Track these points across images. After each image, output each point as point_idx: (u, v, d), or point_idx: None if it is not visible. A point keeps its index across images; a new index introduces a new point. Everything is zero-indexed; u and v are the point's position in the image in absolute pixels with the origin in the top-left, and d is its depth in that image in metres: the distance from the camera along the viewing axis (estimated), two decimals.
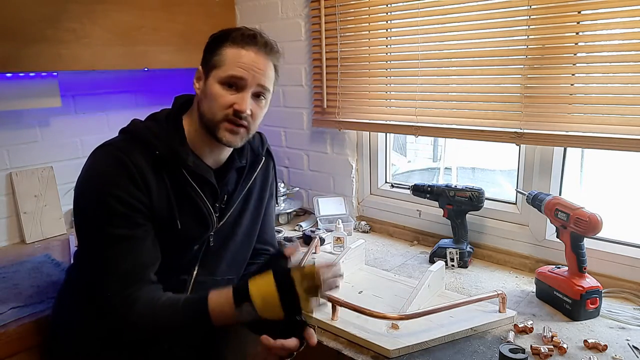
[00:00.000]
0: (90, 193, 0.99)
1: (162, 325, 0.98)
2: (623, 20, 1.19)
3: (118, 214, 0.97)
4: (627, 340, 1.11)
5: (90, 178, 1.01)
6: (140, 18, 1.72)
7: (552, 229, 1.38)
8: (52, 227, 1.82)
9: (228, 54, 1.02)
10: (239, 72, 1.01)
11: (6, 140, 1.73)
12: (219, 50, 1.03)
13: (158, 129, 1.05)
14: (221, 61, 1.02)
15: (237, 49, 1.02)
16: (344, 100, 1.81)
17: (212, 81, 1.03)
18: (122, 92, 2.02)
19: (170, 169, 1.03)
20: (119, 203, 0.96)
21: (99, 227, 0.98)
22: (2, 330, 1.17)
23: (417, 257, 1.63)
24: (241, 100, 1.02)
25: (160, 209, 1.02)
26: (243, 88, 1.02)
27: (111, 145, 1.03)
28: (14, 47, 1.43)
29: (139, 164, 0.99)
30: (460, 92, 1.51)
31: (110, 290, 0.97)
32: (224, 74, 1.02)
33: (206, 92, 1.04)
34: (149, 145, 1.01)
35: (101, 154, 1.02)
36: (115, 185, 0.97)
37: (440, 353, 1.07)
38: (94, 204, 0.98)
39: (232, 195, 1.15)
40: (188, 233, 1.07)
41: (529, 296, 1.33)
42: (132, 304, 0.96)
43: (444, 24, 1.49)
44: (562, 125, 1.31)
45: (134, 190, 0.98)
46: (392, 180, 1.97)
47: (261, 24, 2.05)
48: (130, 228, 0.99)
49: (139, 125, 1.07)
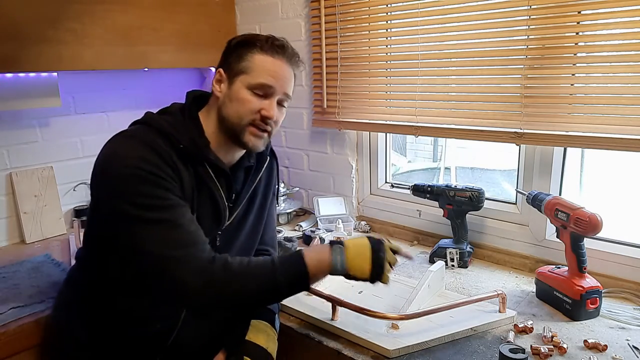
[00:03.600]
0: (127, 172, 0.93)
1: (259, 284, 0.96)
2: (623, 20, 1.19)
3: (160, 185, 0.94)
4: (627, 340, 1.11)
5: (118, 162, 0.94)
6: (140, 18, 1.72)
7: (552, 229, 1.38)
8: (52, 227, 1.82)
9: (257, 61, 1.04)
10: (269, 81, 1.04)
11: (6, 140, 1.73)
12: (247, 56, 1.04)
13: (176, 123, 1.04)
14: (250, 68, 1.04)
15: (267, 57, 1.04)
16: (344, 100, 1.81)
17: (239, 86, 1.04)
18: (122, 92, 2.02)
19: (194, 161, 1.03)
20: (159, 177, 0.94)
21: (145, 201, 0.92)
22: (2, 330, 1.17)
23: (417, 257, 1.62)
24: (269, 107, 1.05)
25: (185, 197, 1.00)
26: (270, 95, 1.05)
27: (133, 134, 1.00)
28: (14, 47, 1.44)
29: (167, 151, 0.98)
30: (460, 92, 1.51)
31: (187, 260, 0.92)
32: (254, 80, 1.03)
33: (232, 96, 1.05)
34: (170, 137, 1.00)
35: (121, 141, 0.99)
36: (152, 164, 0.94)
37: (440, 353, 1.07)
38: (134, 180, 0.92)
39: (240, 195, 1.15)
40: (202, 227, 1.05)
41: (529, 296, 1.33)
42: (225, 263, 0.94)
43: (444, 24, 1.49)
44: (562, 125, 1.31)
45: (170, 171, 0.96)
46: (392, 180, 1.97)
47: (261, 24, 2.05)
48: (177, 198, 0.96)
49: (156, 118, 1.05)
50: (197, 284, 0.92)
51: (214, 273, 0.93)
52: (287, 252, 1.65)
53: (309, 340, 1.16)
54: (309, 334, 1.17)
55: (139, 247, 0.93)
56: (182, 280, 0.92)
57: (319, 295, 1.22)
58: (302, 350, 1.11)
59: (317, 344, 1.15)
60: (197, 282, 0.92)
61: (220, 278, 0.94)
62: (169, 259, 0.92)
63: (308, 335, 1.17)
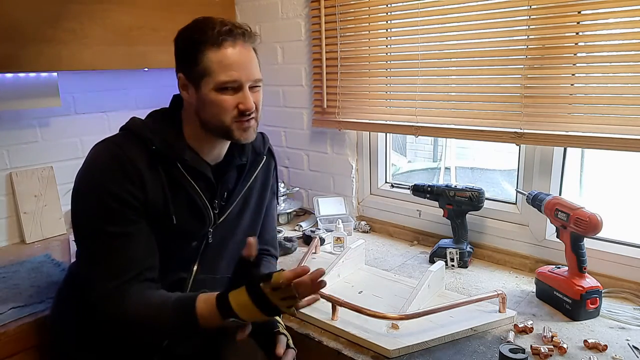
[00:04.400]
0: (85, 189, 1.02)
1: (150, 323, 0.98)
2: (623, 20, 1.19)
3: (111, 210, 0.98)
4: (627, 340, 1.11)
5: (85, 174, 1.03)
6: (140, 18, 1.72)
7: (552, 229, 1.38)
8: (52, 227, 1.82)
9: (212, 59, 0.99)
10: (233, 76, 1.00)
11: (6, 140, 1.73)
12: (201, 56, 1.00)
13: (154, 125, 1.07)
14: (207, 69, 0.99)
15: (219, 50, 0.99)
16: (344, 100, 1.81)
17: (206, 90, 1.01)
18: (122, 92, 2.02)
19: (166, 163, 1.04)
20: (113, 200, 0.97)
21: (93, 222, 0.99)
22: (2, 330, 1.17)
23: (417, 257, 1.63)
24: (244, 100, 1.02)
25: (155, 203, 1.02)
26: (240, 88, 1.02)
27: (109, 141, 1.05)
28: (14, 47, 1.43)
29: (134, 158, 1.00)
30: (460, 92, 1.51)
31: (101, 284, 0.97)
32: (218, 80, 1.00)
33: (204, 100, 1.02)
34: (145, 140, 1.03)
35: (98, 149, 1.04)
36: (109, 181, 0.98)
37: (440, 353, 1.07)
38: (88, 199, 1.00)
39: (232, 193, 1.15)
40: (184, 227, 1.07)
41: (529, 296, 1.33)
42: (122, 299, 0.97)
43: (444, 24, 1.49)
44: (562, 125, 1.32)
45: (128, 186, 0.99)
46: (392, 180, 1.97)
47: (261, 24, 2.05)
48: (124, 225, 0.99)
49: (137, 122, 1.08)
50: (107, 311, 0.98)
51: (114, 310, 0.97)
52: (288, 251, 1.65)
53: (309, 340, 1.16)
54: (309, 334, 1.17)
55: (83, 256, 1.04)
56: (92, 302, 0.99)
57: (319, 295, 1.21)
58: (302, 350, 1.10)
59: (317, 344, 1.15)
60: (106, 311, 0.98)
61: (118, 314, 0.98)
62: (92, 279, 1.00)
63: (308, 335, 1.17)
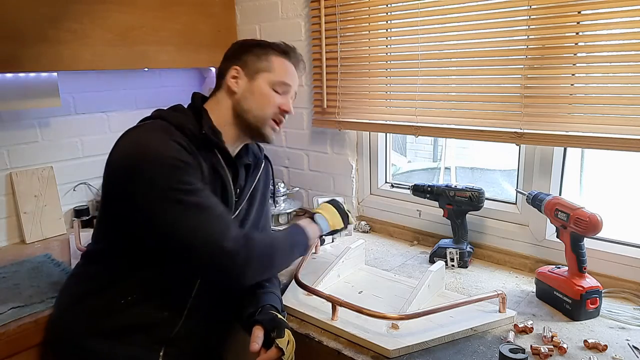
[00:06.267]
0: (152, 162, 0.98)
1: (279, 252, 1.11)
2: (623, 20, 1.19)
3: (188, 172, 1.00)
4: (627, 340, 1.11)
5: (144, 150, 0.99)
6: (140, 18, 1.72)
7: (552, 229, 1.38)
8: (52, 227, 1.82)
9: (276, 61, 1.17)
10: (289, 81, 1.18)
11: (6, 140, 1.73)
12: (265, 56, 1.16)
13: (187, 117, 1.11)
14: (270, 67, 1.16)
15: (284, 59, 1.18)
16: (344, 100, 1.81)
17: (261, 82, 1.15)
18: (122, 92, 2.02)
19: (206, 149, 1.09)
20: (184, 164, 1.00)
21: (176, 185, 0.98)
22: (2, 330, 1.17)
23: (417, 257, 1.63)
24: (288, 103, 1.19)
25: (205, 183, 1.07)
26: (287, 93, 1.19)
27: (154, 127, 1.05)
28: (14, 47, 1.43)
29: (179, 142, 1.03)
30: (460, 92, 1.51)
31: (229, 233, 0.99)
32: (277, 79, 1.16)
33: (254, 91, 1.15)
34: (183, 128, 1.06)
35: (151, 133, 1.04)
36: (174, 150, 1.00)
37: (440, 353, 1.07)
38: (160, 170, 0.97)
39: (243, 190, 1.21)
40: None
41: (529, 296, 1.33)
42: (252, 240, 1.04)
43: (444, 24, 1.49)
44: (562, 125, 1.31)
45: (193, 160, 1.03)
46: (392, 180, 1.97)
47: (261, 24, 2.05)
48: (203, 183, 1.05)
49: (170, 113, 1.11)
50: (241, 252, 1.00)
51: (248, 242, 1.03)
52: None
53: (309, 340, 1.16)
54: (309, 334, 1.17)
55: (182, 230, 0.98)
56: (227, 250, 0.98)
57: (319, 295, 1.22)
58: (302, 350, 1.10)
59: (317, 344, 1.15)
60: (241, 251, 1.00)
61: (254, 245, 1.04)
62: (213, 235, 0.98)
63: (308, 335, 1.17)
